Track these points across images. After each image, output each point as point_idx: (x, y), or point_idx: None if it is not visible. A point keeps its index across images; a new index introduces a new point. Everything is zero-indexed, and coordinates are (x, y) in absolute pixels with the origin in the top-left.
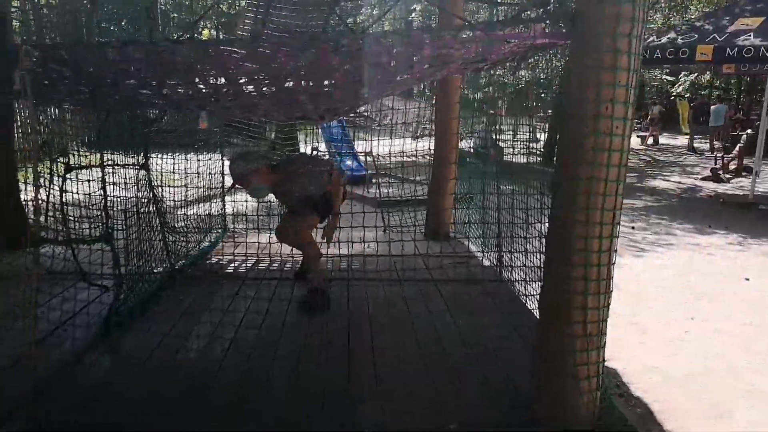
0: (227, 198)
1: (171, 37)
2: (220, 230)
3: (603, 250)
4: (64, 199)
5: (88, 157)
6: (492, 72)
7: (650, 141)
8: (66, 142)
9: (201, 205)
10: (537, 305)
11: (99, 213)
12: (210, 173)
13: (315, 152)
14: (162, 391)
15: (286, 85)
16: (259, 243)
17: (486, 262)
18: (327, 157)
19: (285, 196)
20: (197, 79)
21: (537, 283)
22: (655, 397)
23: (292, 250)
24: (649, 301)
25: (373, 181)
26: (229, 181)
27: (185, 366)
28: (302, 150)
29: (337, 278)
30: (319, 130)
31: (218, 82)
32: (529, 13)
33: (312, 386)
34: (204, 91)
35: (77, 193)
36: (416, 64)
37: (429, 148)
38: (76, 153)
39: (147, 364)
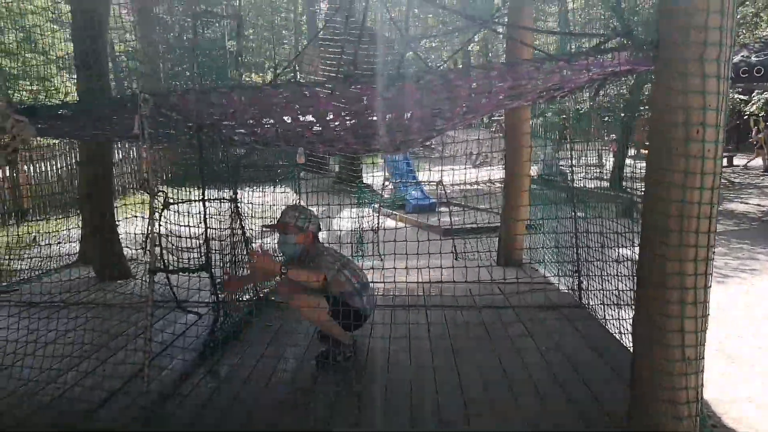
0: None
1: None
2: None
3: (699, 273)
4: (165, 232)
5: (184, 192)
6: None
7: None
8: (163, 178)
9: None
10: (619, 330)
11: (199, 244)
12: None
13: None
14: (260, 409)
15: (369, 119)
16: None
17: (563, 288)
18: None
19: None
20: (289, 118)
21: (619, 307)
22: (748, 427)
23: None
24: (736, 329)
25: (438, 210)
26: None
27: (280, 385)
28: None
29: (414, 304)
30: (382, 161)
31: (306, 120)
32: (612, 41)
33: (401, 407)
34: (294, 128)
35: (176, 225)
36: (492, 95)
37: (490, 177)
38: (172, 189)
39: (246, 384)
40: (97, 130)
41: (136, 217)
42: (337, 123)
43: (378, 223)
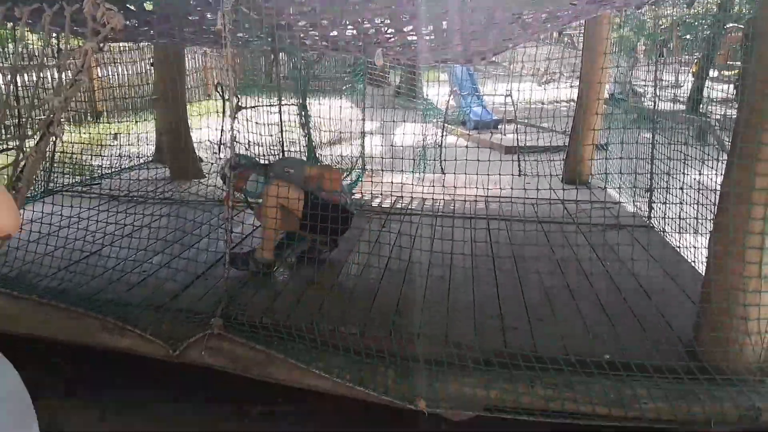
0: (366, 141)
1: None
2: (360, 169)
3: None
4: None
5: (257, 98)
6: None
7: None
8: (236, 83)
9: (344, 144)
10: (692, 257)
11: (274, 147)
12: (350, 117)
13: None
14: (328, 302)
15: (443, 26)
16: (398, 182)
17: (630, 209)
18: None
19: None
20: (365, 20)
21: (692, 233)
22: None
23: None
24: None
25: (499, 127)
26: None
27: (347, 285)
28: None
29: (476, 216)
30: (446, 75)
31: (381, 23)
32: None
33: (465, 312)
34: (368, 31)
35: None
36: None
37: (557, 97)
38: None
39: (313, 282)
40: (179, 28)
41: (205, 123)
42: (410, 27)
43: (442, 138)
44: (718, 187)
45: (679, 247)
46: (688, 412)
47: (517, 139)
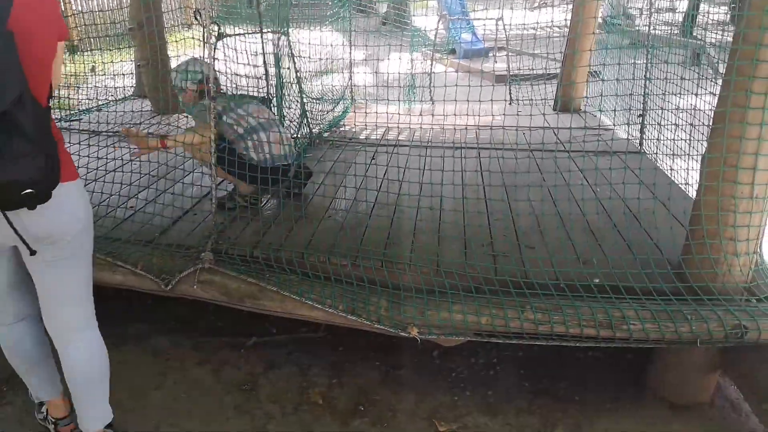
0: (354, 71)
1: None
2: (348, 101)
3: None
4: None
5: (234, 27)
6: None
7: None
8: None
9: (332, 76)
10: (685, 181)
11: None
12: (339, 46)
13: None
14: (319, 234)
15: None
16: (387, 113)
17: (623, 135)
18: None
19: None
20: None
21: (684, 158)
22: None
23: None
24: None
25: (490, 54)
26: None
27: (337, 214)
28: (413, 25)
29: (466, 146)
30: (435, 2)
31: None
32: None
33: (455, 241)
34: None
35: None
36: None
37: (551, 20)
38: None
39: (305, 214)
40: None
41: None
42: None
43: (431, 67)
44: (712, 111)
45: (671, 170)
46: (674, 332)
47: (509, 67)
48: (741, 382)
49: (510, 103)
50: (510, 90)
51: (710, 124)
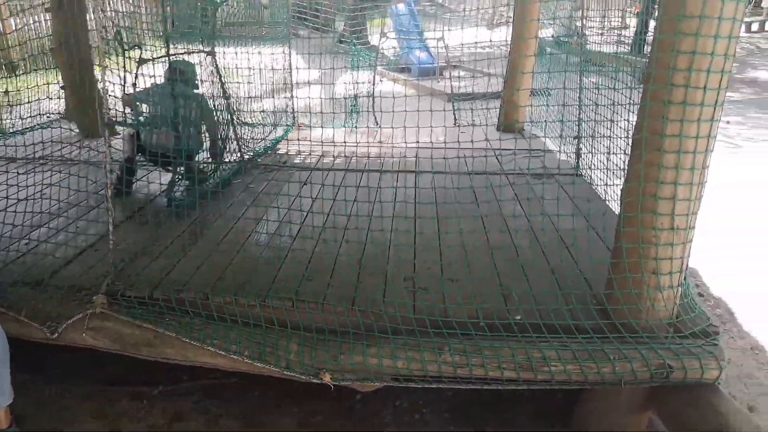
0: (295, 92)
1: None
2: (288, 124)
3: (701, 136)
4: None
5: (159, 49)
6: None
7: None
8: (138, 34)
9: (268, 98)
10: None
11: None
12: (277, 67)
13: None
14: (231, 270)
15: None
16: (324, 136)
17: (563, 157)
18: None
19: None
20: None
21: (619, 180)
22: (737, 300)
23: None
24: (741, 202)
25: (443, 74)
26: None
27: (254, 247)
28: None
29: (404, 169)
30: (389, 20)
31: None
32: None
33: (378, 268)
34: None
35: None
36: None
37: (505, 39)
38: (147, 46)
39: (219, 246)
40: None
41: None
42: None
43: (373, 87)
44: None
45: (606, 193)
46: (597, 373)
47: (451, 86)
48: (670, 421)
49: (455, 125)
50: (454, 111)
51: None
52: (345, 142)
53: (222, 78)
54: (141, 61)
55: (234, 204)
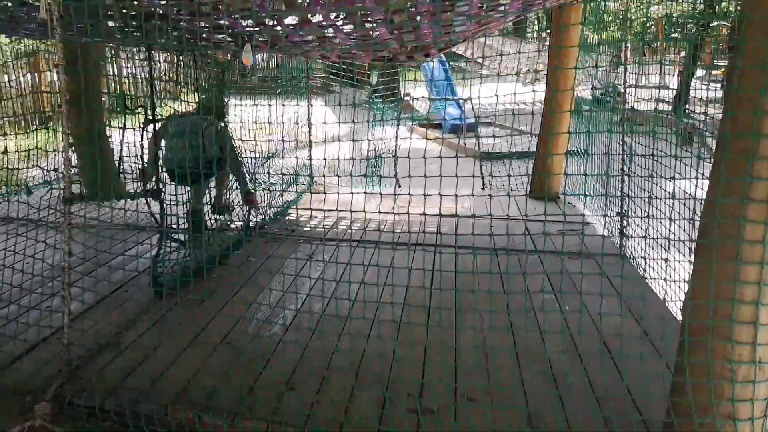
0: (314, 150)
1: None
2: (304, 184)
3: None
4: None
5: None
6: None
7: None
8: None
9: (284, 156)
10: (662, 289)
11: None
12: (295, 122)
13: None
14: (202, 371)
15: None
16: (341, 199)
17: (603, 231)
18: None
19: None
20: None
21: (667, 262)
22: None
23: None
24: None
25: (476, 131)
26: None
27: (239, 339)
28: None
29: (422, 243)
30: (422, 74)
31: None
32: None
33: (377, 377)
34: (276, 28)
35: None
36: None
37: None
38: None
39: (198, 338)
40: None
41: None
42: (326, 24)
43: (396, 146)
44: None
45: (663, 281)
46: None
47: (478, 144)
48: None
49: (483, 188)
50: (483, 176)
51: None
52: (364, 210)
53: (232, 140)
54: (147, 122)
55: (226, 283)
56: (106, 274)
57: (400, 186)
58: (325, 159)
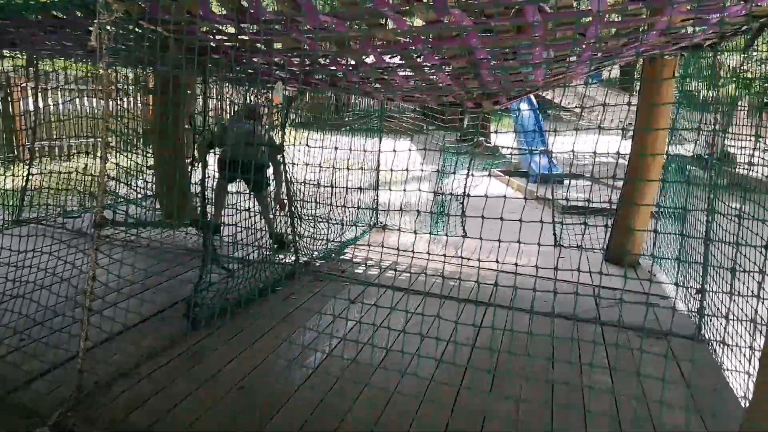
0: (380, 189)
1: None
2: (366, 224)
3: None
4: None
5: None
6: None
7: None
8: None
9: (345, 194)
10: (743, 383)
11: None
12: (361, 161)
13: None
14: (210, 414)
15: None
16: (402, 240)
17: (681, 307)
18: None
19: None
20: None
21: (753, 351)
22: None
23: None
24: None
25: (565, 183)
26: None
27: (259, 377)
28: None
29: (475, 300)
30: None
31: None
32: None
33: None
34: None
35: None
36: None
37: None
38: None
39: (218, 374)
40: (53, 41)
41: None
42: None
43: (466, 192)
44: None
45: (730, 370)
46: None
47: (553, 199)
48: None
49: (555, 245)
50: (555, 229)
51: None
52: (428, 252)
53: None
54: (210, 145)
55: (262, 317)
56: (150, 297)
57: (465, 234)
58: (395, 198)
